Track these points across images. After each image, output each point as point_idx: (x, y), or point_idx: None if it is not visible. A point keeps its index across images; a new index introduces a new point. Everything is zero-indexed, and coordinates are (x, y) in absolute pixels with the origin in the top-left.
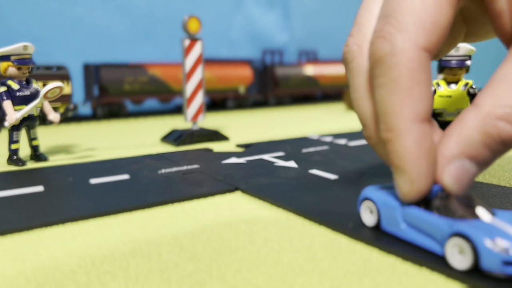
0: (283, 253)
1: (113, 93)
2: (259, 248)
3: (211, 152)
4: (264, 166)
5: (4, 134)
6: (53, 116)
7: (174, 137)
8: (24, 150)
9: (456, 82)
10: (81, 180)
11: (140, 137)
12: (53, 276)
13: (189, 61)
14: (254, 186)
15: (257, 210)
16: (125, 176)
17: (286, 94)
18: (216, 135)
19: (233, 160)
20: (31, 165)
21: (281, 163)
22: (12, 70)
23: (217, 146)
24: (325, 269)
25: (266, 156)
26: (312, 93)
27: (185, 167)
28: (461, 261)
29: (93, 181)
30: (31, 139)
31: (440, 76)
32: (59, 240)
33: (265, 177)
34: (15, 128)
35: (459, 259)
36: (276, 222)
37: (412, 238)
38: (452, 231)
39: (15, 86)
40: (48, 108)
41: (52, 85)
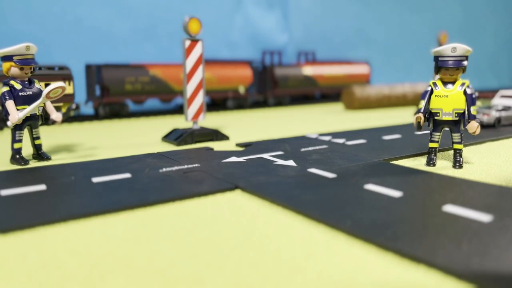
0: (282, 251)
1: (114, 93)
2: (259, 246)
3: (211, 151)
4: (264, 165)
5: (7, 134)
6: (56, 115)
7: (175, 136)
8: (27, 149)
9: (453, 82)
10: (84, 179)
11: (141, 137)
12: (55, 274)
13: (190, 62)
14: (254, 185)
15: (257, 208)
16: (127, 175)
17: (285, 94)
18: (216, 135)
19: (233, 159)
20: (33, 164)
21: (281, 162)
22: (15, 70)
23: (217, 145)
24: (324, 266)
25: (266, 155)
26: (310, 93)
27: (185, 166)
28: None
29: (95, 179)
30: (33, 138)
31: (437, 76)
32: (61, 238)
33: (265, 176)
34: (17, 128)
35: None
36: (275, 220)
37: None
38: None
39: (18, 86)
40: (50, 107)
41: (54, 85)
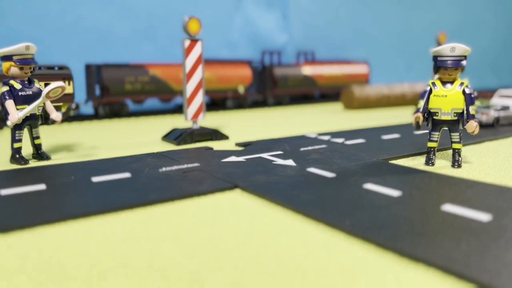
0: (281, 250)
1: (114, 92)
2: (258, 245)
3: (211, 151)
4: (263, 164)
5: (7, 133)
6: (55, 115)
7: (174, 136)
8: (27, 149)
9: (451, 82)
10: (83, 179)
11: (141, 136)
12: (55, 273)
13: (190, 62)
14: (253, 184)
15: (256, 207)
16: (127, 175)
17: (285, 94)
18: (216, 134)
19: (232, 158)
20: (33, 163)
21: (280, 161)
22: (15, 70)
23: (217, 145)
24: (323, 265)
25: (265, 155)
26: (310, 93)
27: (185, 166)
28: None
29: (95, 179)
30: (33, 138)
31: (436, 76)
32: (61, 237)
33: (264, 175)
34: (17, 127)
35: None
36: (274, 220)
37: None
38: None
39: (18, 86)
40: (50, 107)
41: (54, 84)
